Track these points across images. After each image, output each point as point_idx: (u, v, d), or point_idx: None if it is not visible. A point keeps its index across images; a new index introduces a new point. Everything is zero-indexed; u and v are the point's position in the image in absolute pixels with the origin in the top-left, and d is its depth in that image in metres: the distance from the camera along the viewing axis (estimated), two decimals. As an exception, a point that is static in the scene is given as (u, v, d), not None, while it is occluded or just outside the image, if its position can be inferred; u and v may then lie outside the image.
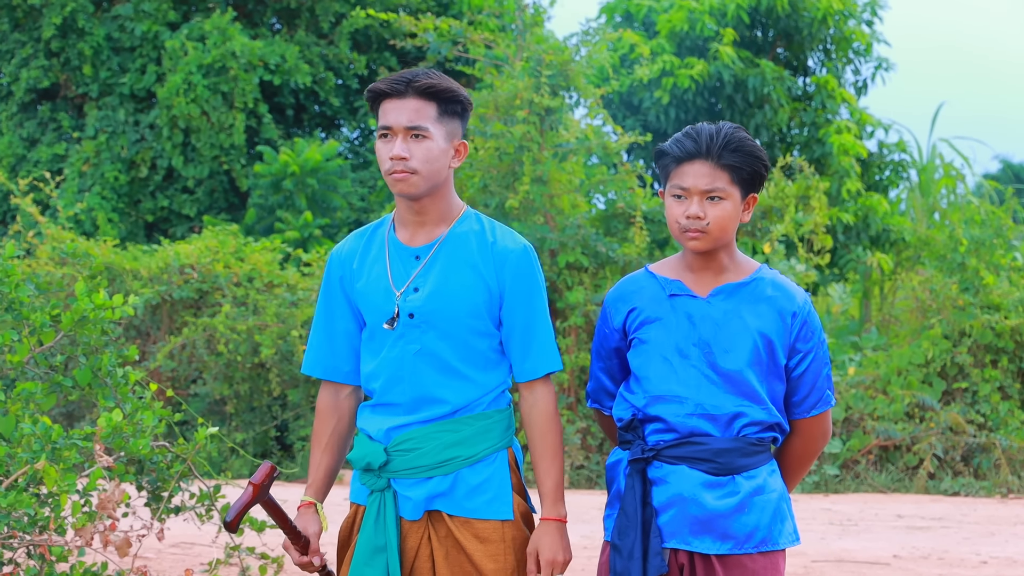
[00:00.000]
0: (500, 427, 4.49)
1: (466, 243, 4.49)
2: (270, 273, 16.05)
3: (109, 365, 6.27)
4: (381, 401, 4.52)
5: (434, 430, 4.43)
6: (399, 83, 4.43)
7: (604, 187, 17.05)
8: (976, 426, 15.60)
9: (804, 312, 4.51)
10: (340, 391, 4.70)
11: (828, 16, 22.83)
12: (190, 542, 9.81)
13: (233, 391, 15.55)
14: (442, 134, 4.43)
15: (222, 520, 4.56)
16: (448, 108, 4.45)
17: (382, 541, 4.43)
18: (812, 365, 4.52)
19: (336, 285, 4.63)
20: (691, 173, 4.41)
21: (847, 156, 22.16)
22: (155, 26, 22.63)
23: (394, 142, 4.41)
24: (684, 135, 4.46)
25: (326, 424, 4.69)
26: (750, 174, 4.41)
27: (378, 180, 22.29)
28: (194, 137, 22.05)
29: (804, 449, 4.62)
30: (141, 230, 22.77)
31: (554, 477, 4.47)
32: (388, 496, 4.46)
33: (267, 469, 4.50)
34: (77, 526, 5.76)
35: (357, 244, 4.63)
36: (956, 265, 16.65)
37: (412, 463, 4.43)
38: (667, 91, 22.00)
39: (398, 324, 4.46)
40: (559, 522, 4.45)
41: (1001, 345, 15.96)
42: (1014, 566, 10.26)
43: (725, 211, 4.39)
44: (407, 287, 4.47)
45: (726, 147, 4.38)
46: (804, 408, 4.54)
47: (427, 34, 16.77)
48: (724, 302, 4.49)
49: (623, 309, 4.60)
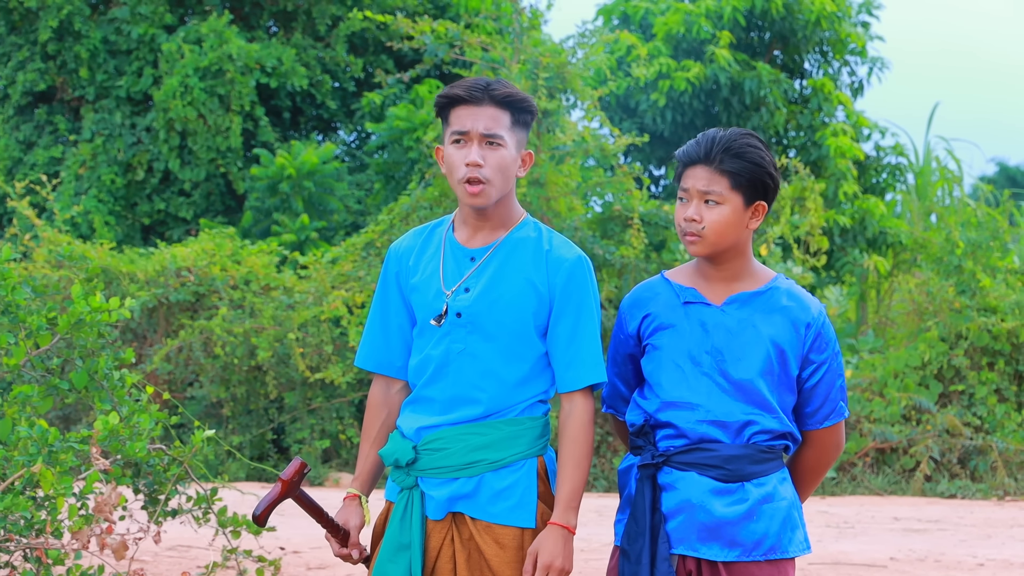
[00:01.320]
0: (531, 434, 4.49)
1: (522, 249, 4.51)
2: (267, 276, 16.04)
3: (105, 368, 6.26)
4: (419, 396, 4.54)
5: (463, 431, 4.44)
6: (477, 90, 4.44)
7: (601, 189, 17.05)
8: (973, 428, 15.62)
9: (818, 323, 4.50)
10: (392, 385, 4.70)
11: (823, 18, 22.84)
12: (187, 545, 9.80)
13: (230, 394, 15.54)
14: (514, 143, 4.46)
15: (251, 515, 4.56)
16: (520, 118, 4.48)
17: (407, 539, 4.45)
18: (826, 376, 4.51)
19: (392, 280, 4.65)
20: (692, 176, 4.43)
21: (843, 159, 22.16)
22: (151, 29, 22.61)
23: (469, 148, 4.41)
24: (695, 140, 4.48)
25: (376, 417, 4.70)
26: (749, 181, 4.40)
27: (375, 183, 22.27)
28: (190, 140, 22.03)
29: (817, 460, 4.62)
30: (138, 233, 22.74)
31: (573, 485, 4.44)
32: (416, 495, 4.48)
33: (297, 465, 4.50)
34: (73, 529, 5.76)
35: (416, 241, 4.66)
36: (953, 268, 16.67)
37: (439, 463, 4.44)
38: (663, 94, 22.01)
39: (445, 322, 4.47)
40: (566, 530, 4.41)
41: (998, 348, 15.97)
42: (1011, 568, 10.27)
43: (722, 215, 4.39)
44: (459, 287, 4.49)
45: (726, 152, 4.38)
46: (817, 419, 4.54)
47: (424, 37, 16.75)
48: (738, 311, 4.49)
49: (638, 315, 4.60)
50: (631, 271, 15.57)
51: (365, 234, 16.03)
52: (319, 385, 15.47)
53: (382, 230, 15.81)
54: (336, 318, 15.51)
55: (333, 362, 15.14)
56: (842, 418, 4.56)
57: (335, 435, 15.50)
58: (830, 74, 24.05)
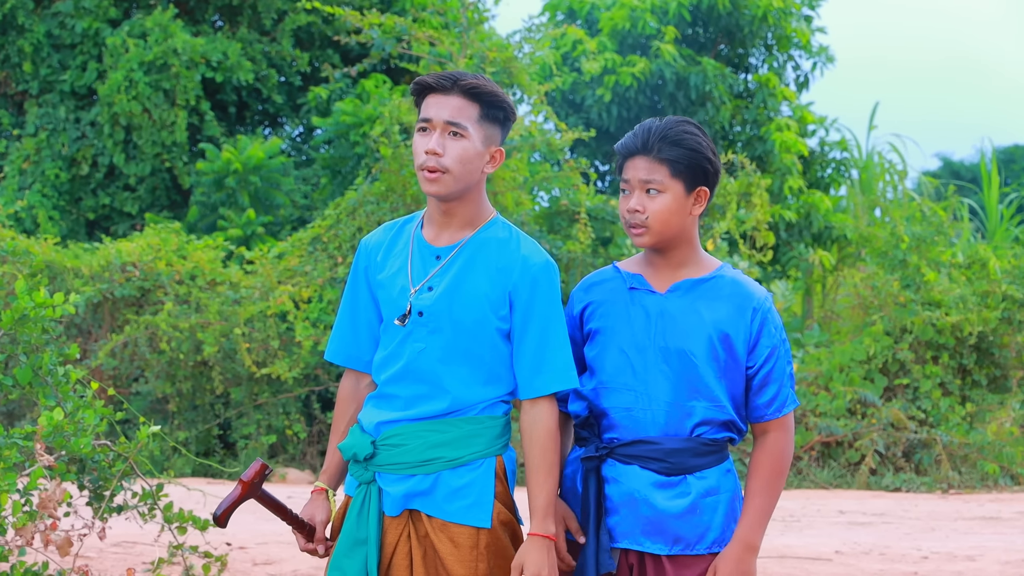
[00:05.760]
0: (491, 434, 4.47)
1: (488, 249, 4.48)
2: (213, 271, 15.99)
3: (50, 363, 6.22)
4: (382, 393, 4.52)
5: (422, 428, 4.42)
6: (446, 79, 4.42)
7: (548, 184, 17.09)
8: (917, 422, 15.71)
9: (764, 308, 4.47)
10: (361, 380, 4.69)
11: (769, 14, 22.95)
12: (132, 541, 9.75)
13: (175, 389, 15.48)
14: (480, 137, 4.42)
15: (211, 516, 4.55)
16: (490, 112, 4.44)
17: (364, 534, 4.43)
18: (777, 363, 4.47)
19: (362, 274, 4.64)
20: (632, 167, 4.43)
21: (789, 154, 22.29)
22: (96, 23, 22.49)
23: (431, 136, 4.40)
24: (632, 131, 4.48)
25: (345, 411, 4.70)
26: (689, 167, 4.39)
27: (321, 177, 22.23)
28: (136, 134, 21.92)
29: (775, 457, 4.47)
30: (82, 228, 22.63)
31: (547, 493, 4.41)
32: (373, 490, 4.46)
33: (257, 467, 4.49)
34: (17, 525, 5.72)
35: (385, 236, 4.65)
36: (897, 262, 16.78)
37: (396, 459, 4.43)
38: (609, 89, 22.08)
39: (408, 321, 4.46)
40: (547, 539, 4.38)
41: (942, 341, 16.07)
42: (954, 561, 10.33)
43: (664, 204, 4.39)
44: (423, 285, 4.47)
45: (663, 140, 4.38)
46: (773, 408, 4.47)
47: (371, 31, 16.73)
48: (681, 298, 4.47)
49: (584, 299, 4.61)
50: (578, 266, 15.60)
51: (311, 229, 16.00)
52: (265, 380, 15.43)
53: (328, 225, 15.77)
54: (282, 313, 15.48)
55: (280, 357, 15.10)
56: (794, 406, 4.52)
57: (281, 430, 15.46)
58: (775, 68, 24.17)
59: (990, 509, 13.56)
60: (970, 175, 40.64)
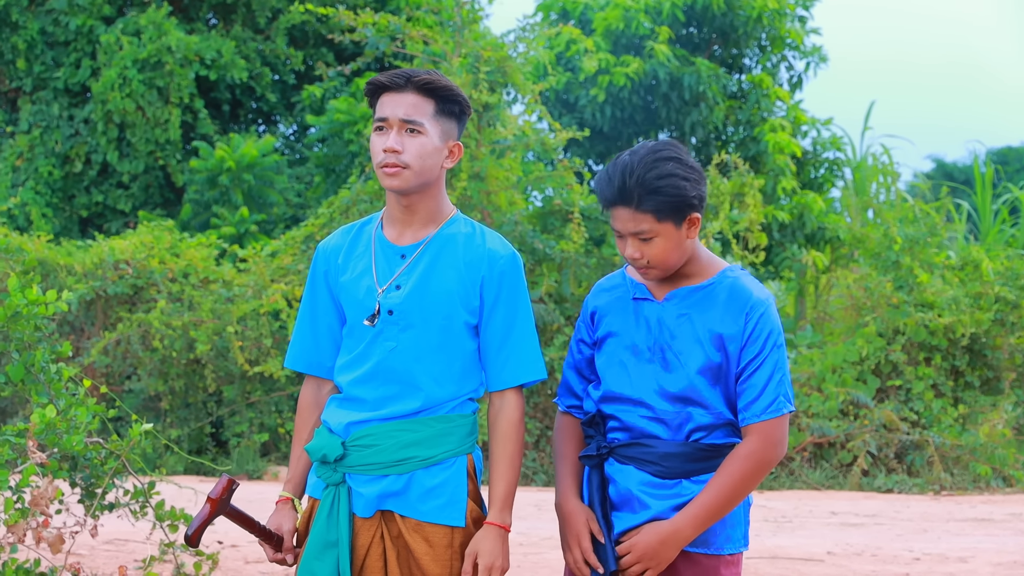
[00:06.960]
0: (461, 432, 4.48)
1: (454, 245, 4.50)
2: (206, 269, 15.98)
3: (42, 361, 6.22)
4: (349, 395, 4.51)
5: (394, 428, 4.42)
6: (399, 77, 4.43)
7: (542, 184, 17.08)
8: (909, 424, 15.71)
9: (760, 308, 4.42)
10: (323, 386, 4.68)
11: (763, 15, 22.96)
12: (124, 539, 9.74)
13: (168, 387, 15.47)
14: (437, 132, 4.43)
15: (184, 536, 4.54)
16: (445, 107, 4.46)
17: (334, 537, 4.41)
18: (764, 364, 4.40)
19: (321, 279, 4.63)
20: (618, 217, 4.38)
21: (782, 154, 22.29)
22: (90, 20, 22.48)
23: (388, 135, 4.41)
24: (606, 176, 4.40)
25: (307, 419, 4.68)
26: (673, 209, 4.33)
27: (315, 176, 22.23)
28: (129, 132, 21.92)
29: (747, 458, 4.37)
30: (75, 225, 22.63)
31: (507, 484, 4.45)
32: (343, 491, 4.44)
33: (224, 483, 4.46)
34: (9, 523, 5.72)
35: (344, 240, 4.64)
36: (890, 263, 16.78)
37: (368, 459, 4.42)
38: (603, 89, 22.07)
39: (378, 321, 4.45)
40: (503, 529, 4.43)
41: (935, 343, 16.08)
42: (946, 562, 10.34)
43: (660, 246, 4.36)
44: (390, 284, 4.47)
45: (642, 188, 4.30)
46: (750, 413, 4.39)
47: (365, 29, 16.72)
48: (676, 306, 4.47)
49: (593, 303, 4.64)
50: (571, 265, 15.59)
51: (305, 227, 15.99)
52: (258, 379, 15.42)
53: (322, 223, 15.77)
54: (275, 311, 15.47)
55: (272, 355, 15.09)
56: (783, 411, 4.39)
57: (274, 429, 15.46)
58: (768, 68, 24.18)
59: (982, 511, 13.57)
60: (963, 177, 40.70)
